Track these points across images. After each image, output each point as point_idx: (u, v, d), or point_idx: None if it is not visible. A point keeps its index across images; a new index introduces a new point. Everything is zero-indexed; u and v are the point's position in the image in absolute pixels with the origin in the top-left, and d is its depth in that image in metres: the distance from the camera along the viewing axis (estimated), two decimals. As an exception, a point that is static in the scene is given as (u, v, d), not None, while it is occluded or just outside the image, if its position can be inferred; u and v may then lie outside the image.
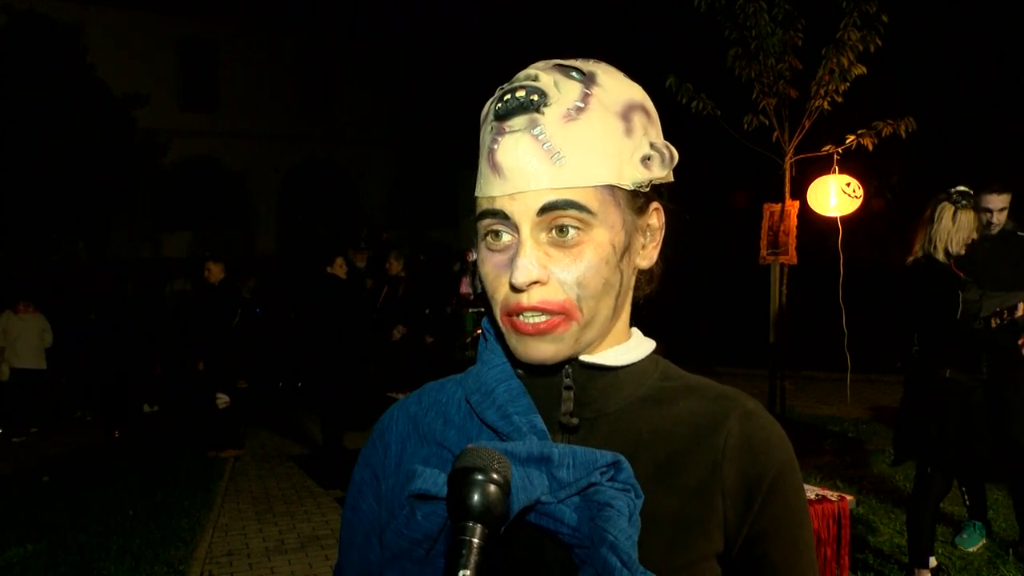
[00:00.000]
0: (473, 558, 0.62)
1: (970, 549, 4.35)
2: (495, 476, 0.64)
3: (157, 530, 5.42)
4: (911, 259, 3.76)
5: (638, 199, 0.78)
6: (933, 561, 3.87)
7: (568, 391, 0.80)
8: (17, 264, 12.73)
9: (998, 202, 4.18)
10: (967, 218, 3.64)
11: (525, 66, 0.79)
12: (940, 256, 3.64)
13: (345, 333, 7.20)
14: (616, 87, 0.77)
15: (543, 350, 0.76)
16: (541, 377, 0.81)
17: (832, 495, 2.88)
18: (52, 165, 13.41)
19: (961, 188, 3.72)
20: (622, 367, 0.82)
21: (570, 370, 0.80)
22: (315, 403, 7.85)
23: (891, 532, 4.75)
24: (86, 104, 13.92)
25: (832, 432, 7.32)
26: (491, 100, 0.78)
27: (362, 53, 21.57)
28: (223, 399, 7.37)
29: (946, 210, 3.66)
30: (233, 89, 21.23)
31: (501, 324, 0.78)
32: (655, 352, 0.86)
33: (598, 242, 0.75)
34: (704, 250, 14.31)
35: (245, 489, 6.52)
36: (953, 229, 3.62)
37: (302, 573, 4.76)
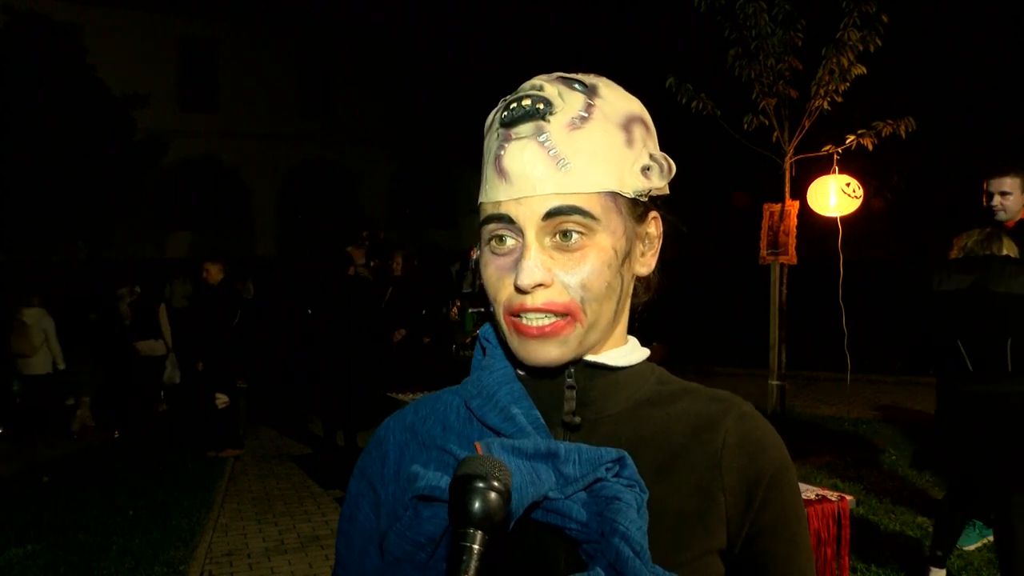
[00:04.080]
0: (473, 564, 0.63)
1: (968, 548, 4.34)
2: (496, 484, 0.65)
3: (157, 530, 5.42)
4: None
5: (638, 207, 0.81)
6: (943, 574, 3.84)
7: (571, 391, 0.81)
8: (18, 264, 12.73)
9: (998, 185, 3.99)
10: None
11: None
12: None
13: (372, 333, 7.29)
14: (617, 100, 0.80)
15: (548, 352, 0.77)
16: (543, 379, 0.82)
17: (832, 495, 2.88)
18: (53, 166, 13.41)
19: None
20: (622, 368, 0.83)
21: (572, 370, 0.81)
22: (320, 403, 7.84)
23: (891, 532, 4.75)
24: (86, 104, 13.92)
25: (832, 432, 7.32)
26: (495, 110, 0.80)
27: (362, 53, 21.56)
28: (222, 399, 7.38)
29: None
30: (233, 89, 21.23)
31: (504, 325, 0.79)
32: (656, 352, 0.88)
33: (601, 246, 0.77)
34: (704, 250, 14.31)
35: (245, 489, 6.52)
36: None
37: (302, 573, 4.76)
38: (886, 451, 6.56)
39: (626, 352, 0.85)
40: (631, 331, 0.88)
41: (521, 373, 0.83)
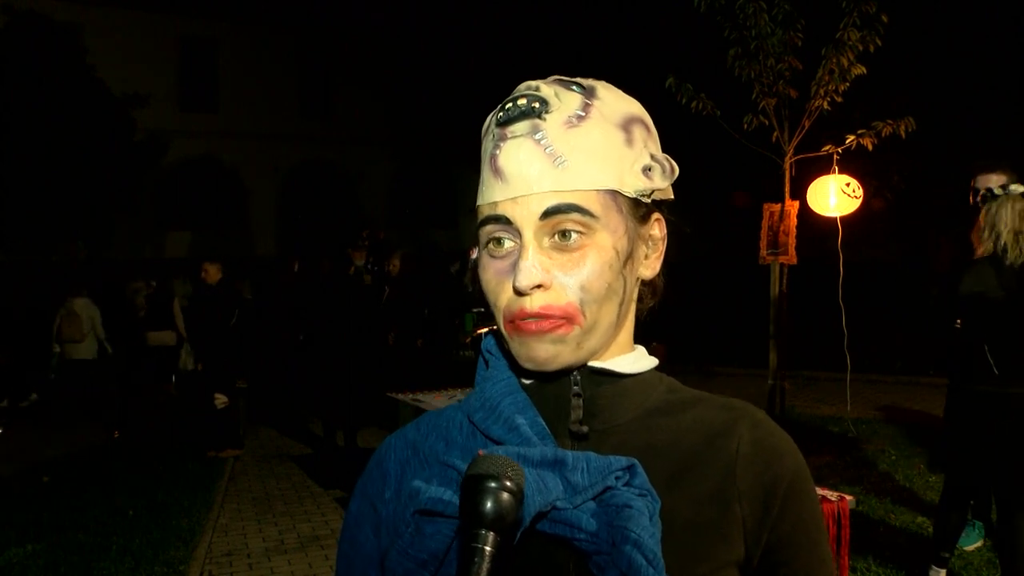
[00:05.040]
0: (485, 566, 0.61)
1: (967, 548, 4.35)
2: (508, 483, 0.62)
3: (157, 530, 5.43)
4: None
5: (640, 208, 0.78)
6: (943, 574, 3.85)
7: (577, 399, 0.78)
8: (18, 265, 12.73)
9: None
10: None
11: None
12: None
13: (371, 333, 7.31)
14: (615, 101, 0.79)
15: (544, 351, 0.75)
16: (548, 386, 0.79)
17: (832, 495, 2.88)
18: (53, 166, 13.41)
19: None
20: (630, 375, 0.81)
21: (578, 377, 0.79)
22: (320, 403, 7.85)
23: (891, 532, 4.75)
24: (86, 104, 13.92)
25: (832, 432, 7.32)
26: (492, 113, 0.78)
27: (362, 53, 21.56)
28: (221, 399, 7.38)
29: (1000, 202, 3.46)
30: (233, 89, 21.22)
31: (504, 330, 0.77)
32: (655, 352, 0.86)
33: (601, 246, 0.74)
34: (704, 250, 14.30)
35: (245, 489, 6.52)
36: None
37: (302, 573, 4.76)
38: (886, 451, 6.57)
39: (633, 359, 0.82)
40: (636, 340, 0.85)
41: (526, 383, 0.80)
